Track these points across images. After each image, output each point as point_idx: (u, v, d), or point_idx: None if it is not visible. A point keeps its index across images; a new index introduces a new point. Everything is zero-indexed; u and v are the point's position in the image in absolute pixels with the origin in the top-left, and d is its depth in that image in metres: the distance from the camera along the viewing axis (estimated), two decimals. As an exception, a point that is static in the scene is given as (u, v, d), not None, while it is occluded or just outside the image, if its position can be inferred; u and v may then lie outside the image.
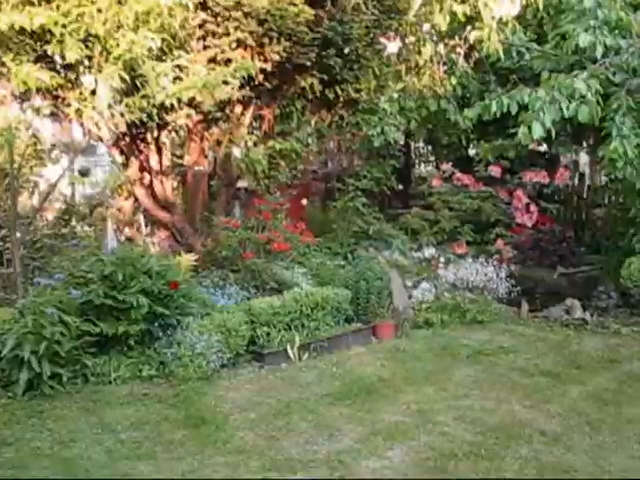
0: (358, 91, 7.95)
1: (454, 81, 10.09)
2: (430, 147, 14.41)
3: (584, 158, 11.88)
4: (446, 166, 10.35)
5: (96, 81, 6.24)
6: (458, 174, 10.29)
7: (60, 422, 5.04)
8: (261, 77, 7.31)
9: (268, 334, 6.70)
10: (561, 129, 8.46)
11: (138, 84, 6.31)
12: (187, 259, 6.37)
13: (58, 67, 6.61)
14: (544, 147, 11.09)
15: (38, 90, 6.53)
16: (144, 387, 5.72)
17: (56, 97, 7.19)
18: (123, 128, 7.69)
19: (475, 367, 6.37)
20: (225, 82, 6.77)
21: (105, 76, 6.00)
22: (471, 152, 12.01)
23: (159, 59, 6.38)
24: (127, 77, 6.15)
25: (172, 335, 6.05)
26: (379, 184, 9.28)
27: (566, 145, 10.90)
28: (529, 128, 7.29)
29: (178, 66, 6.24)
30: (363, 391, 5.71)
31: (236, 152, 7.50)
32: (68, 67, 6.58)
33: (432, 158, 14.81)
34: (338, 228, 9.00)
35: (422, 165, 15.67)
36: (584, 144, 11.33)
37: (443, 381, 6.00)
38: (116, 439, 4.77)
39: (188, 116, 7.40)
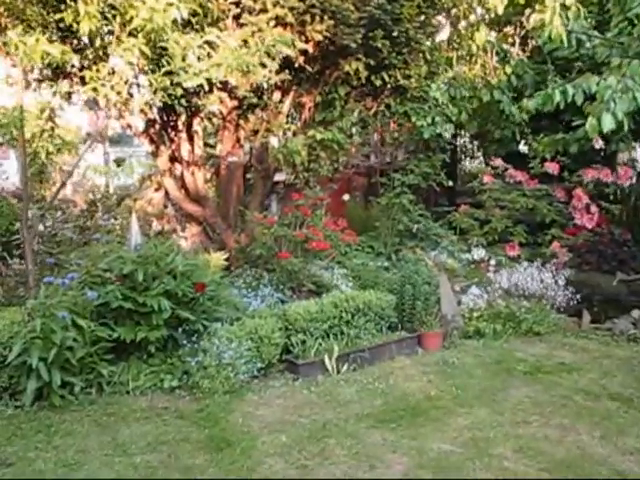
0: (407, 77, 7.28)
1: (509, 70, 9.37)
2: (477, 141, 13.62)
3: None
4: (498, 162, 9.59)
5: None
6: (511, 170, 9.53)
7: (69, 439, 4.51)
8: (301, 60, 6.70)
9: (304, 342, 6.10)
10: (633, 122, 7.67)
11: (164, 63, 5.70)
12: (217, 258, 5.80)
13: (78, 45, 6.07)
14: (600, 143, 10.29)
15: (57, 70, 6.00)
16: (165, 400, 5.17)
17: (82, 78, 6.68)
18: (152, 114, 7.17)
19: (534, 387, 5.67)
20: (262, 65, 6.17)
21: (123, 50, 5.40)
22: (522, 148, 11.20)
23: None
24: (149, 52, 5.54)
25: (197, 342, 5.48)
26: (427, 180, 8.59)
27: (627, 141, 10.07)
28: (598, 120, 6.53)
29: (208, 43, 5.63)
30: (408, 412, 5.07)
31: (274, 142, 6.90)
32: (87, 45, 6.04)
33: (478, 153, 14.03)
34: (381, 226, 8.35)
35: (467, 160, 14.90)
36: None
37: (498, 402, 5.32)
38: (129, 462, 4.22)
39: (221, 101, 6.83)
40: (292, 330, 6.10)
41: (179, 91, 5.82)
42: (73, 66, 6.25)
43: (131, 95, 6.31)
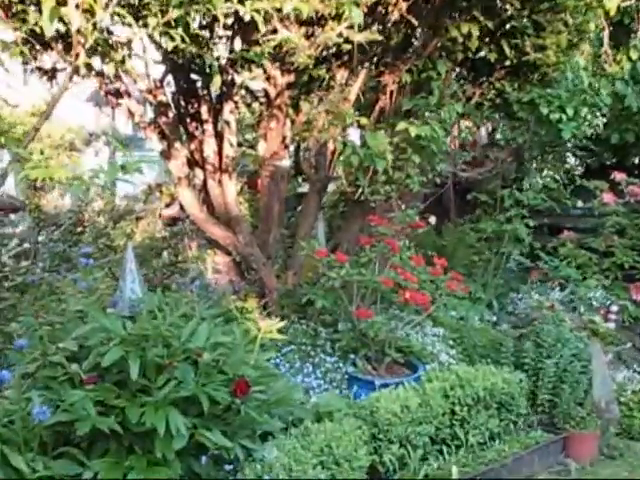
0: (542, 49, 4.89)
1: (635, 55, 7.01)
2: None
3: None
4: (620, 175, 7.19)
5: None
6: (636, 187, 7.15)
7: None
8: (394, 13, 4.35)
9: (401, 458, 3.76)
10: None
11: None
12: (269, 327, 3.36)
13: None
14: None
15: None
16: None
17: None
18: (162, 94, 4.87)
19: None
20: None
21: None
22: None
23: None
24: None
25: (234, 475, 3.14)
26: (551, 198, 6.15)
27: None
28: None
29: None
30: None
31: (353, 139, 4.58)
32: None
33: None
34: (480, 261, 5.96)
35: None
36: None
37: None
38: None
39: (268, 77, 4.52)
40: (384, 440, 3.75)
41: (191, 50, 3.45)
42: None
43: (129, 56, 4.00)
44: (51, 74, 5.27)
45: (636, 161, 8.35)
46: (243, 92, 4.92)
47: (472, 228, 6.31)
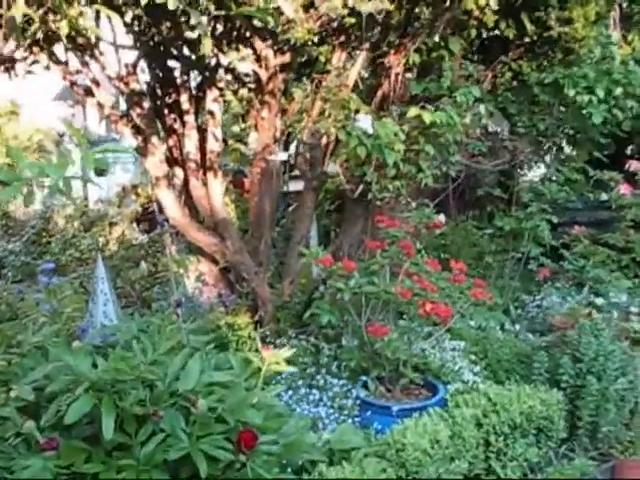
0: (568, 22, 4.30)
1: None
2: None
3: None
4: (635, 164, 6.64)
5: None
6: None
7: None
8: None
9: (430, 504, 3.17)
10: None
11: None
12: (275, 358, 2.69)
13: None
14: None
15: None
16: None
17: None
18: (135, 82, 4.22)
19: None
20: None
21: None
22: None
23: None
24: None
25: None
26: (574, 190, 5.54)
27: None
28: None
29: None
30: None
31: (365, 125, 3.94)
32: None
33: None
34: (495, 262, 5.36)
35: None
36: None
37: None
38: None
39: (258, 58, 3.89)
40: (409, 481, 3.15)
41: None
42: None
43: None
44: (9, 64, 4.63)
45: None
46: (229, 77, 4.26)
47: (477, 226, 5.70)
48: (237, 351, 4.35)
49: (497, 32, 4.66)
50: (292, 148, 6.26)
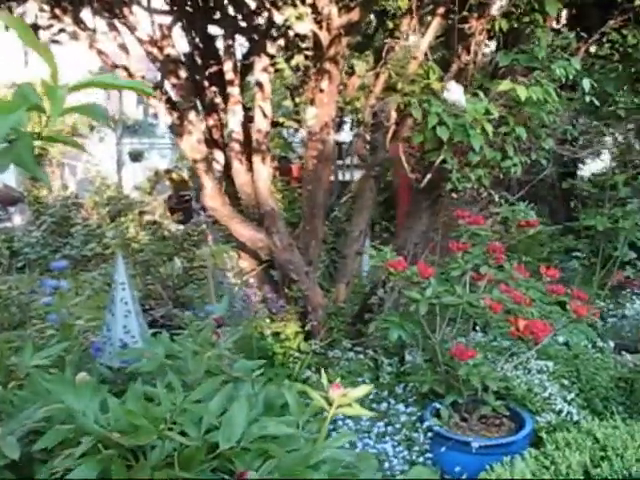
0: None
1: None
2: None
3: None
4: None
5: None
6: None
7: None
8: None
9: None
10: None
11: None
12: (346, 400, 2.02)
13: None
14: None
15: None
16: None
17: None
18: (170, 47, 3.58)
19: None
20: None
21: None
22: None
23: None
24: None
25: None
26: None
27: None
28: None
29: None
30: None
31: (457, 97, 3.24)
32: None
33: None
34: (582, 266, 4.62)
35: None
36: None
37: None
38: None
39: (318, 21, 3.21)
40: None
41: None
42: None
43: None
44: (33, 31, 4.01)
45: None
46: (281, 42, 3.59)
47: (569, 227, 4.94)
48: (282, 366, 3.73)
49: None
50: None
